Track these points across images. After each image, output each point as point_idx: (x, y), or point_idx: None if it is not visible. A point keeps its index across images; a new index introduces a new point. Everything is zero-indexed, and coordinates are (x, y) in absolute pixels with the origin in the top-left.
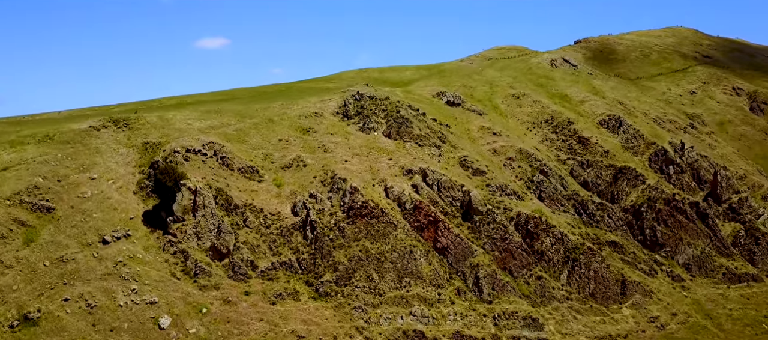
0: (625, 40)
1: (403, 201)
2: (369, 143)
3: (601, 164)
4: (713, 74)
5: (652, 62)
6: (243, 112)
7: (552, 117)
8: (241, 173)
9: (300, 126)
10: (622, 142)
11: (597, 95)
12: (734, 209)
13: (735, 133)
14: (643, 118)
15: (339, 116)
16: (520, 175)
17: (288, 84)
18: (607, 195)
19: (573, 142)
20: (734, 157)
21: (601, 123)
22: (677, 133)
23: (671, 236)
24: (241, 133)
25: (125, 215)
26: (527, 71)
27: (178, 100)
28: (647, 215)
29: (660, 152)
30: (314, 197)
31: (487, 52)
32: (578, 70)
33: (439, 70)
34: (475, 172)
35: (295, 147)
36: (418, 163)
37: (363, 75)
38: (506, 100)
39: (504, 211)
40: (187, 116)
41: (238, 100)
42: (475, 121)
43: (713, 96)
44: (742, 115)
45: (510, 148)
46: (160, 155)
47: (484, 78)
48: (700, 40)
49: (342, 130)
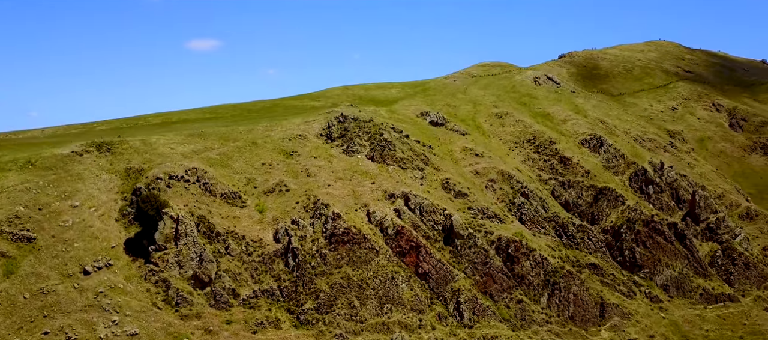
0: (609, 55)
1: (386, 226)
2: (352, 167)
3: (582, 185)
4: (694, 90)
5: (635, 78)
6: (227, 135)
7: (534, 137)
8: (223, 199)
9: (283, 149)
10: (603, 161)
11: (579, 114)
12: (712, 229)
13: (715, 150)
14: (624, 138)
15: (323, 138)
16: (501, 197)
17: (274, 100)
18: (588, 216)
19: (555, 162)
20: (713, 175)
21: (582, 142)
22: (657, 152)
23: (650, 257)
24: (225, 157)
25: (107, 243)
26: (511, 89)
27: (163, 118)
28: (626, 236)
29: (640, 172)
30: (296, 224)
31: (472, 69)
32: (561, 88)
33: (423, 88)
34: (457, 194)
35: (279, 171)
36: (401, 187)
37: (349, 92)
38: (489, 119)
39: (485, 234)
40: (171, 140)
41: (222, 118)
42: (458, 141)
43: (694, 112)
44: (722, 131)
45: (492, 169)
46: (143, 182)
47: (467, 96)
48: (682, 55)
49: (325, 154)
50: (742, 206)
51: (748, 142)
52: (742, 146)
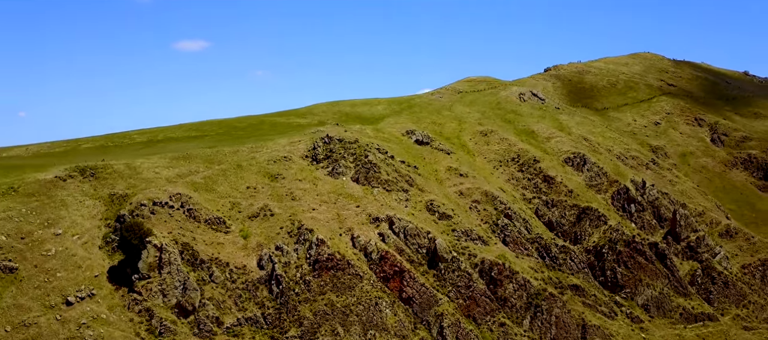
0: (594, 68)
1: (370, 251)
2: (337, 189)
3: (565, 204)
4: (677, 105)
5: (619, 92)
6: (212, 157)
7: (518, 155)
8: (207, 225)
9: (268, 172)
10: (586, 180)
11: (563, 131)
12: (692, 248)
13: (696, 166)
14: (606, 155)
15: (308, 160)
16: (485, 218)
17: (260, 116)
18: (571, 235)
19: (538, 180)
20: (694, 192)
21: (566, 161)
22: (640, 169)
23: (631, 277)
24: (210, 181)
25: (90, 272)
26: (496, 106)
27: (149, 136)
28: (608, 257)
29: (622, 190)
30: (280, 250)
31: (458, 84)
32: (545, 104)
33: (409, 105)
34: (441, 216)
35: (263, 195)
36: (386, 210)
37: (335, 109)
38: (474, 137)
39: (468, 257)
40: (155, 163)
41: (208, 137)
42: (443, 161)
43: (676, 127)
44: (704, 146)
45: (476, 190)
46: (127, 208)
47: (453, 114)
48: (666, 67)
49: (310, 176)
50: (722, 224)
51: (729, 158)
52: (724, 161)
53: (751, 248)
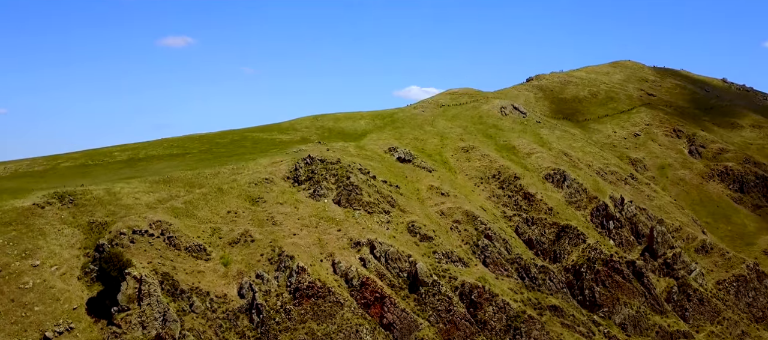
0: (575, 77)
1: (351, 277)
2: (319, 212)
3: (545, 222)
4: (656, 116)
5: (600, 102)
6: (192, 180)
7: (499, 172)
8: (188, 253)
9: (250, 195)
10: (565, 196)
11: (543, 147)
12: (669, 264)
13: (674, 178)
14: (586, 171)
15: (290, 181)
16: (466, 238)
17: (242, 132)
18: (550, 253)
19: (519, 198)
20: (671, 207)
21: (546, 177)
22: (618, 184)
23: (609, 296)
24: (190, 206)
25: (68, 305)
26: (478, 120)
27: (130, 154)
28: (587, 276)
29: (601, 207)
30: (261, 278)
31: (440, 97)
32: (527, 118)
33: (392, 120)
34: (422, 238)
35: (244, 220)
36: (367, 233)
37: (318, 124)
38: (456, 153)
39: (449, 280)
40: (135, 189)
41: (190, 155)
42: (424, 179)
43: (656, 139)
44: (682, 158)
45: (457, 209)
46: (106, 237)
47: (435, 129)
48: (646, 76)
49: (292, 199)
50: (698, 239)
51: (706, 170)
52: (701, 173)
53: (725, 264)
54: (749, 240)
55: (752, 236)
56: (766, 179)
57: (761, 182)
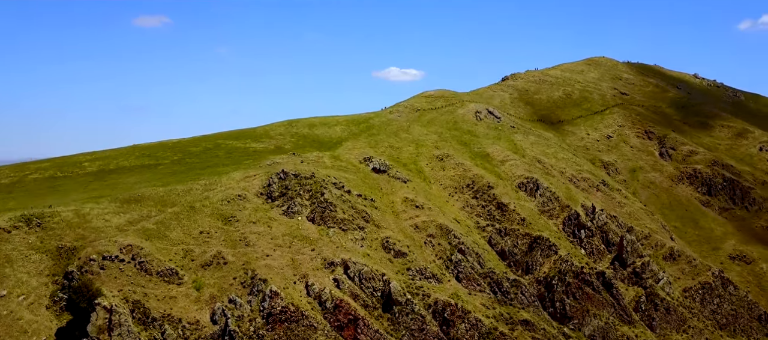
0: (550, 76)
1: (324, 299)
2: (292, 231)
3: (517, 233)
4: (628, 117)
5: (574, 103)
6: (164, 198)
7: (473, 181)
8: (160, 277)
9: (222, 214)
10: (538, 206)
11: (517, 154)
12: (637, 274)
13: (645, 181)
14: (559, 178)
15: (263, 198)
16: (439, 253)
17: (216, 138)
18: (523, 264)
19: (492, 208)
20: (641, 214)
21: (519, 186)
22: (590, 191)
23: (579, 308)
24: (162, 227)
25: (37, 337)
26: (453, 126)
27: (101, 164)
28: (558, 288)
29: (573, 216)
30: (234, 302)
31: (416, 101)
32: (501, 123)
33: (367, 126)
34: (396, 254)
35: (217, 241)
36: (341, 253)
37: (292, 131)
38: (431, 162)
39: (422, 297)
40: (105, 209)
41: (162, 166)
42: (399, 191)
43: (627, 140)
44: (653, 161)
45: (431, 223)
46: (75, 264)
47: (411, 136)
48: (619, 73)
49: (265, 217)
50: (666, 247)
51: (676, 173)
52: (671, 176)
53: (692, 271)
54: (715, 244)
55: (719, 241)
56: (733, 182)
57: (728, 184)
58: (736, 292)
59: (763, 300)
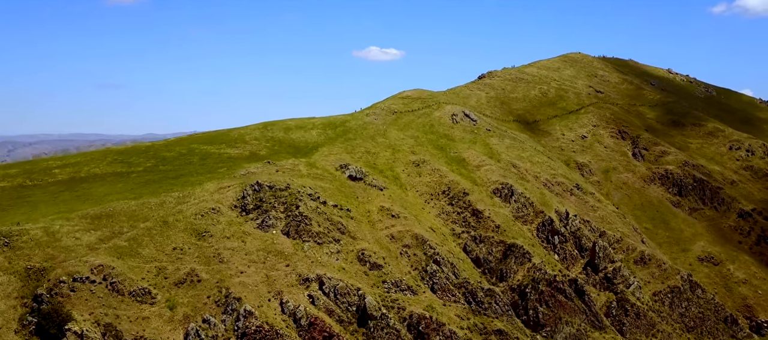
0: (526, 74)
1: (299, 317)
2: (267, 246)
3: (492, 240)
4: (603, 116)
5: (550, 102)
6: (136, 212)
7: (449, 188)
8: (132, 297)
9: (196, 229)
10: (513, 211)
11: (493, 159)
12: (609, 279)
13: (618, 182)
14: (534, 183)
15: (237, 210)
16: (415, 264)
17: (189, 142)
18: (497, 272)
19: (467, 214)
20: (614, 217)
21: (494, 191)
22: (564, 196)
23: (551, 316)
24: (134, 244)
25: None
26: (429, 129)
27: (71, 172)
28: (531, 296)
29: (547, 222)
30: (207, 322)
31: (393, 103)
32: (477, 126)
33: (344, 129)
34: (372, 266)
35: (190, 257)
36: (316, 268)
37: (268, 135)
38: (407, 168)
39: (398, 310)
40: (75, 227)
41: (135, 173)
42: (375, 199)
43: (601, 140)
44: (626, 161)
45: (407, 233)
46: (45, 286)
47: (387, 140)
48: (594, 71)
49: (239, 231)
50: (637, 251)
51: (648, 173)
52: (643, 177)
53: (662, 275)
54: (685, 246)
55: (688, 242)
56: (703, 182)
57: (698, 184)
58: (703, 295)
59: (729, 301)
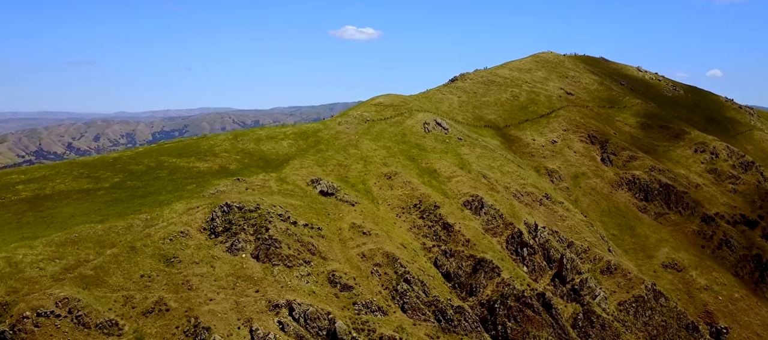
0: (498, 77)
1: None
2: (236, 270)
3: (462, 255)
4: (573, 120)
5: (521, 106)
6: (103, 238)
7: (420, 201)
8: (99, 330)
9: (164, 255)
10: (483, 224)
11: (464, 170)
12: (576, 290)
13: (586, 188)
14: (504, 194)
15: (206, 233)
16: (386, 283)
17: (158, 154)
18: (467, 287)
19: (438, 228)
20: (582, 226)
21: (465, 204)
22: (534, 206)
23: (520, 330)
24: (101, 272)
25: None
26: (401, 139)
27: (36, 189)
28: (500, 311)
29: (516, 234)
30: None
31: (365, 110)
32: (449, 134)
33: (316, 140)
34: (343, 287)
35: (158, 285)
36: (286, 293)
37: (238, 147)
38: (379, 181)
39: (368, 333)
40: (40, 255)
41: (101, 192)
42: (347, 216)
43: (571, 145)
44: (594, 166)
45: (378, 251)
46: (8, 322)
47: (359, 152)
48: (565, 71)
49: (208, 255)
50: (604, 261)
51: (615, 178)
52: (611, 182)
53: (627, 284)
54: (650, 252)
55: (653, 248)
56: (668, 187)
57: (664, 189)
58: (666, 303)
59: (691, 308)
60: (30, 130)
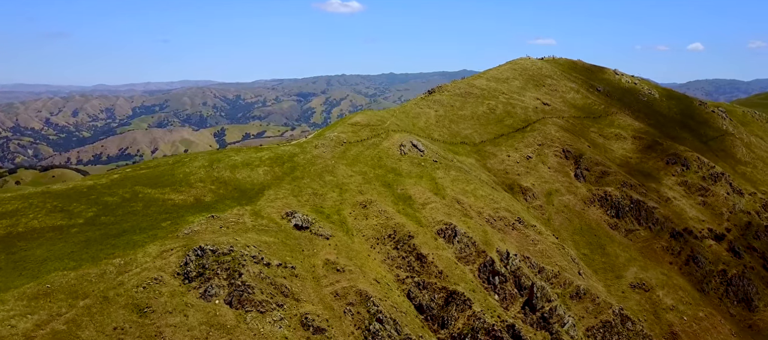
0: (476, 88)
1: None
2: (209, 319)
3: (435, 286)
4: (548, 134)
5: (497, 119)
6: (76, 287)
7: (395, 231)
8: None
9: (137, 305)
10: (456, 252)
11: (438, 195)
12: (545, 319)
13: (559, 205)
14: (477, 220)
15: (180, 278)
16: (358, 323)
17: (134, 184)
18: (439, 319)
19: (412, 258)
20: (553, 249)
21: (439, 232)
22: (506, 231)
23: None
24: (73, 326)
25: None
26: (377, 163)
27: (8, 225)
28: None
29: (488, 263)
30: None
31: (342, 131)
32: (424, 157)
33: (292, 166)
34: (315, 330)
35: (131, 338)
36: None
37: (213, 175)
38: (354, 210)
39: None
40: (11, 312)
41: (74, 229)
42: (321, 252)
43: (546, 161)
44: (568, 183)
45: (351, 289)
46: None
47: (335, 179)
48: (542, 78)
49: (181, 303)
50: (573, 285)
51: (588, 195)
52: (584, 199)
53: (595, 310)
54: (619, 272)
55: (622, 268)
56: (639, 202)
57: (635, 205)
58: (633, 327)
59: (657, 329)
60: (6, 105)
